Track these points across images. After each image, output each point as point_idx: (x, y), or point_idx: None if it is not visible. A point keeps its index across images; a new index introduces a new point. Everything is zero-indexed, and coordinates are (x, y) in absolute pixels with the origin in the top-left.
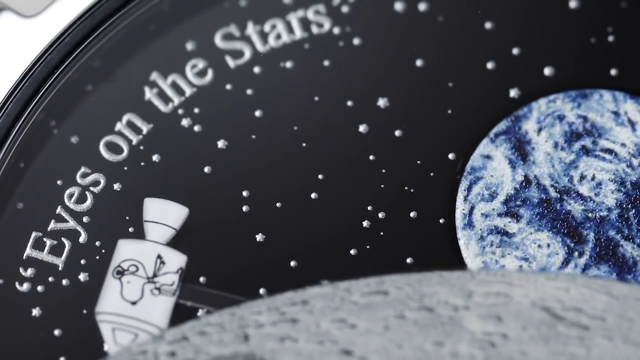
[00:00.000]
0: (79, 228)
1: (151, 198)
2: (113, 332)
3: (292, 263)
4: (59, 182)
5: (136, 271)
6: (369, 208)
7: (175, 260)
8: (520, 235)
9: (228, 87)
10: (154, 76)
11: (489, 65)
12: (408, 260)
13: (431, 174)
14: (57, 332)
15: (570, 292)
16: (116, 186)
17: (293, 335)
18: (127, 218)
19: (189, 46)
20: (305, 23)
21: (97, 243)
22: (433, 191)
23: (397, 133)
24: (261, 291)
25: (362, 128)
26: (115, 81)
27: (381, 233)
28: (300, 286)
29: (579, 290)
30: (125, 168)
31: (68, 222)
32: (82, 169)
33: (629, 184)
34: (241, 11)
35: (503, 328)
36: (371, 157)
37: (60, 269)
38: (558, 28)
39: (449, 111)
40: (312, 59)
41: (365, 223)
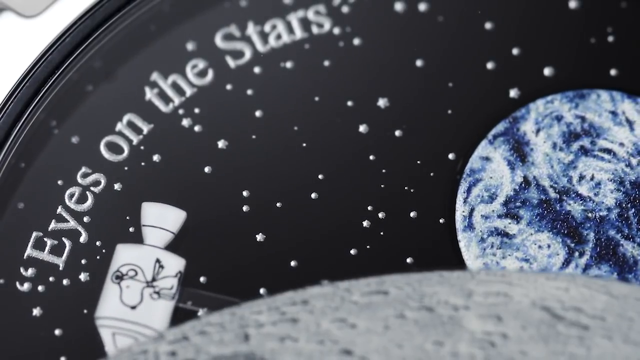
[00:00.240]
0: (80, 228)
1: (149, 202)
2: (113, 337)
3: (293, 263)
4: (60, 182)
5: (135, 275)
6: (369, 208)
7: (173, 264)
8: (520, 236)
9: (228, 87)
10: (155, 76)
11: (489, 65)
12: (408, 260)
13: (431, 174)
14: (58, 332)
15: (570, 292)
16: (117, 186)
17: (293, 335)
18: (128, 218)
19: (190, 46)
20: (305, 23)
21: (98, 243)
22: (433, 191)
23: (397, 133)
24: (261, 291)
25: (362, 128)
26: (115, 81)
27: (381, 233)
28: (300, 286)
29: (579, 290)
30: (125, 168)
31: (69, 222)
32: (83, 169)
33: (628, 184)
34: (241, 11)
35: (503, 328)
36: (371, 157)
37: (60, 269)
38: (558, 28)
39: (449, 111)
40: (313, 59)
41: (365, 223)
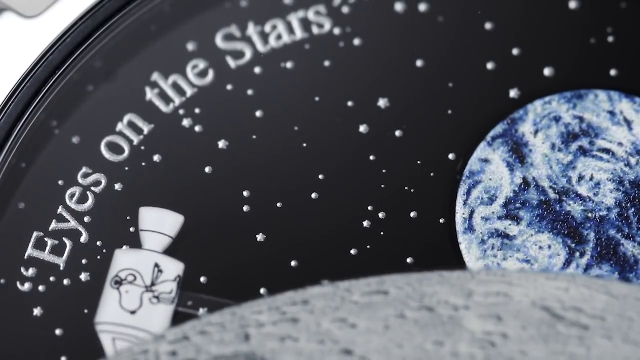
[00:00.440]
0: (80, 228)
1: (146, 207)
2: (113, 342)
3: (293, 263)
4: (60, 182)
5: (134, 280)
6: (369, 208)
7: (172, 268)
8: (521, 237)
9: (229, 88)
10: (155, 76)
11: (489, 65)
12: (408, 259)
13: (431, 174)
14: (58, 332)
15: (569, 292)
16: (117, 186)
17: (294, 334)
18: (128, 218)
19: (190, 46)
20: (305, 23)
21: (98, 243)
22: (433, 191)
23: (397, 133)
24: (262, 291)
25: (363, 128)
26: (116, 81)
27: (381, 233)
28: (300, 286)
29: (579, 289)
30: (126, 168)
31: (69, 222)
32: (83, 169)
33: (627, 183)
34: (242, 12)
35: (503, 327)
36: (371, 157)
37: (61, 269)
38: (558, 28)
39: (449, 111)
40: (313, 59)
41: (365, 223)
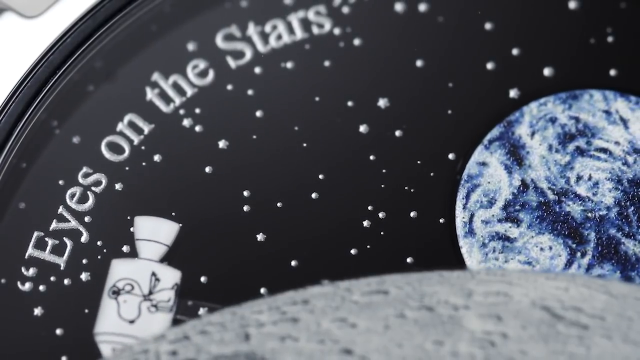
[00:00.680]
0: (81, 228)
1: (142, 216)
2: (113, 352)
3: (293, 263)
4: (61, 182)
5: (132, 290)
6: (369, 208)
7: (169, 276)
8: (521, 239)
9: (229, 88)
10: (155, 76)
11: (489, 65)
12: (408, 259)
13: (431, 174)
14: (59, 332)
15: (569, 292)
16: (118, 186)
17: (294, 334)
18: (129, 218)
19: (190, 47)
20: (306, 24)
21: (99, 243)
22: (433, 191)
23: (397, 133)
24: (262, 291)
25: (363, 128)
26: (116, 81)
27: (381, 233)
28: (301, 286)
29: (579, 289)
30: (126, 168)
31: (70, 222)
32: (84, 169)
33: (626, 182)
34: (242, 12)
35: (503, 327)
36: (371, 157)
37: (62, 269)
38: (558, 29)
39: (449, 111)
40: (313, 60)
41: (365, 223)
